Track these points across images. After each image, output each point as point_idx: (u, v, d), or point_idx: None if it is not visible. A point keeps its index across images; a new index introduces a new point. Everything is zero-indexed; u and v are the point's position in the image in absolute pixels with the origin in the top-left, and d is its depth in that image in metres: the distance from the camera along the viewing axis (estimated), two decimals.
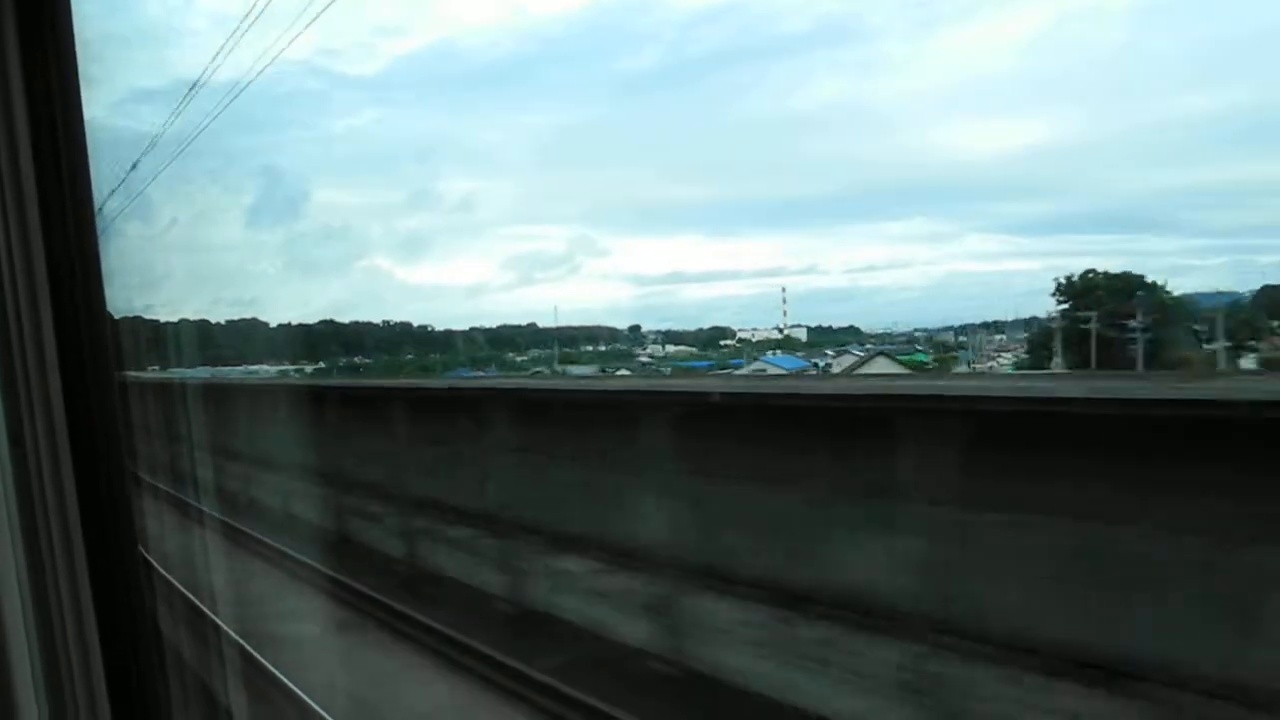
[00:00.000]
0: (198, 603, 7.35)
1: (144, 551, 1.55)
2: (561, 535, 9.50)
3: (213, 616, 7.24)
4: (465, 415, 11.45)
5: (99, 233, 1.53)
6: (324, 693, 6.73)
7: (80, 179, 1.46)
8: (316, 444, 13.65)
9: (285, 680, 6.82)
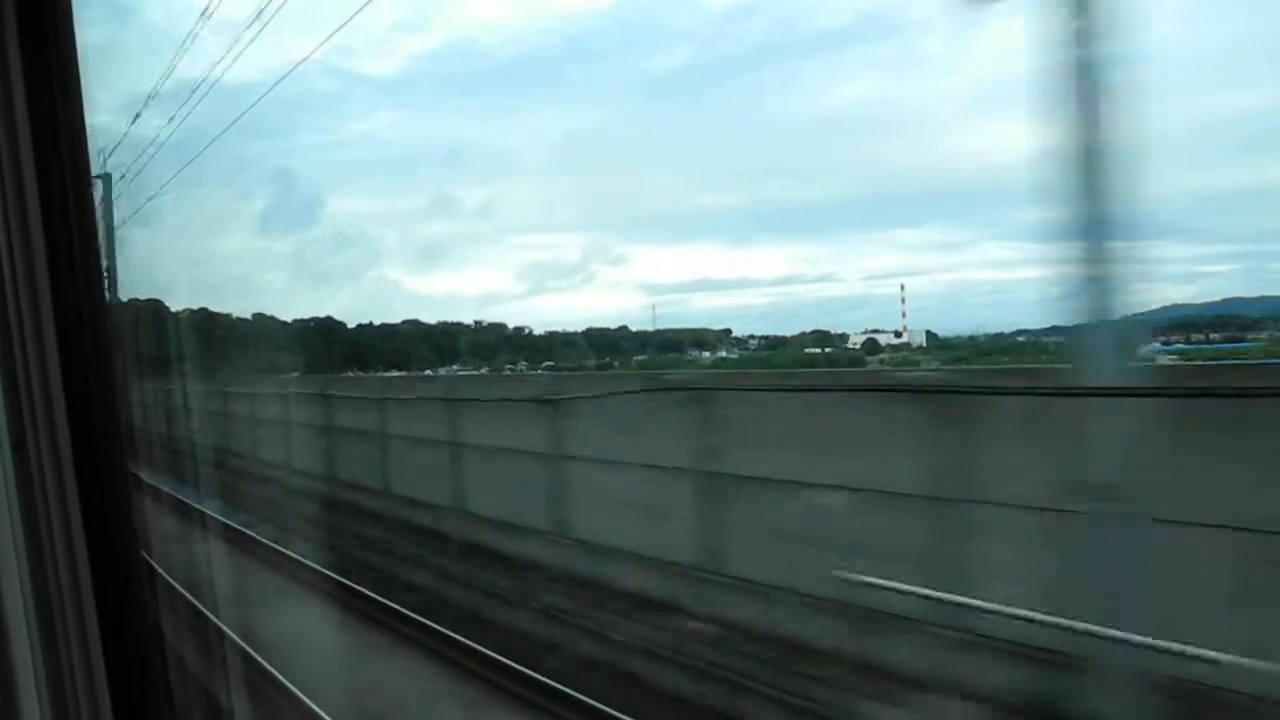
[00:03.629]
0: None
1: (146, 554, 1.55)
2: None
3: None
4: None
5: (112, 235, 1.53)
6: None
7: (81, 182, 1.47)
8: None
9: None
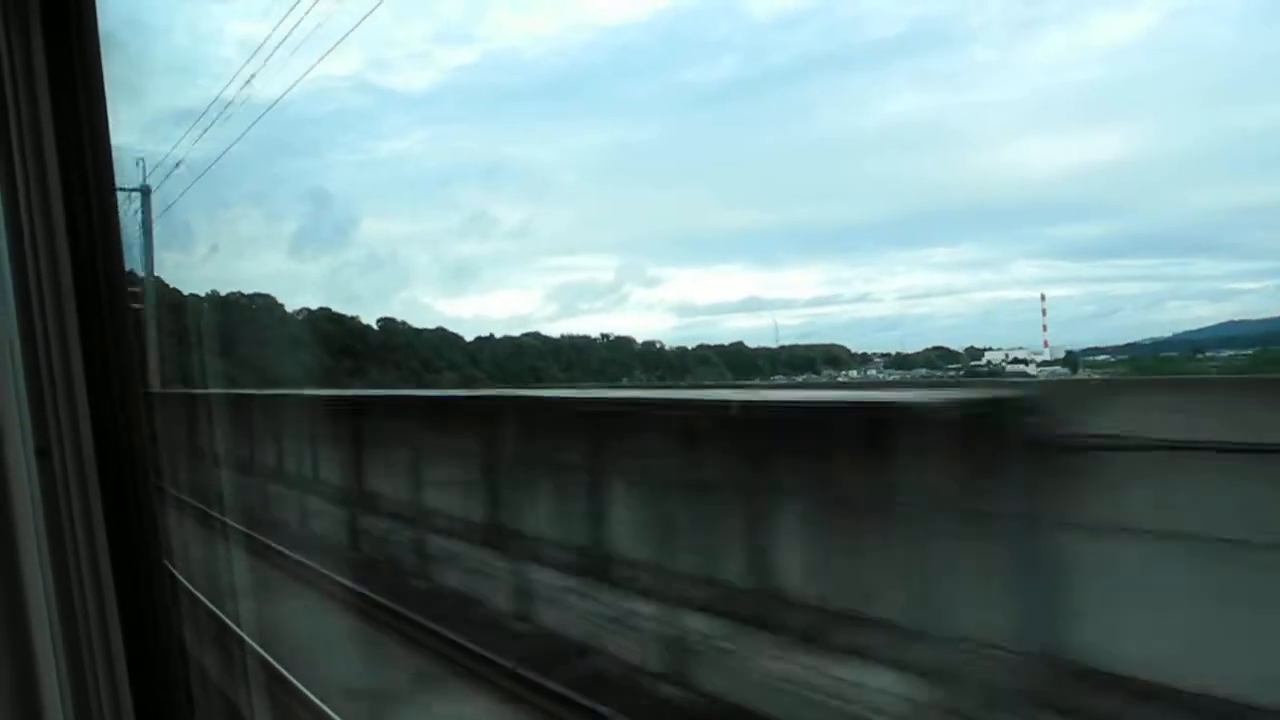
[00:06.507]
0: None
1: (169, 563, 1.56)
2: None
3: None
4: None
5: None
6: None
7: (105, 194, 1.48)
8: None
9: None
